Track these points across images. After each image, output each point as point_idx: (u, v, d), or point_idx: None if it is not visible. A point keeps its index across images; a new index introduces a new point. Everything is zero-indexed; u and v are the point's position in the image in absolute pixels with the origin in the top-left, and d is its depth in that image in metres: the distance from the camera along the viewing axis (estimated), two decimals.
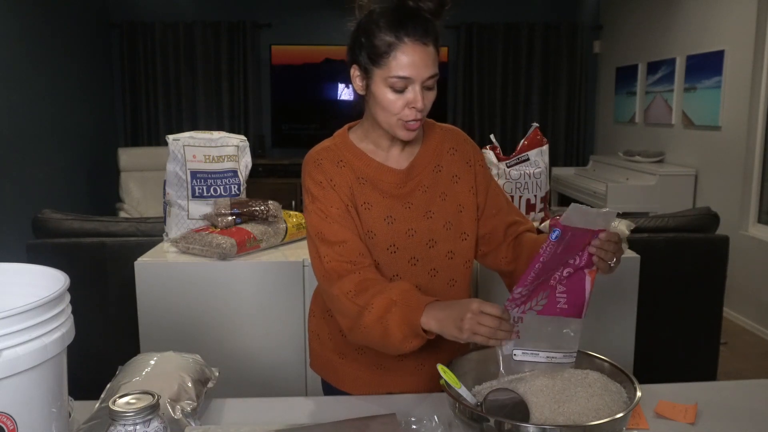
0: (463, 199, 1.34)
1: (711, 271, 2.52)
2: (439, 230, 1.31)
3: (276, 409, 1.25)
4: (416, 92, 1.18)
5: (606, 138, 6.08)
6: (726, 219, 3.18)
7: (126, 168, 5.07)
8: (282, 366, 2.05)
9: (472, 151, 1.38)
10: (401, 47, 1.16)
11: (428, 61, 1.17)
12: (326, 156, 1.31)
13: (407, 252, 1.29)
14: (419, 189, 1.31)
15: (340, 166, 1.29)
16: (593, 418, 1.01)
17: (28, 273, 0.95)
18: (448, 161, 1.34)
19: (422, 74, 1.17)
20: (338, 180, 1.28)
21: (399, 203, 1.29)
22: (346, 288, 1.19)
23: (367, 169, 1.30)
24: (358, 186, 1.29)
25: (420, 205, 1.30)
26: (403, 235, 1.29)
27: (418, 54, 1.16)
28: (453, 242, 1.32)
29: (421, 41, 1.16)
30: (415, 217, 1.30)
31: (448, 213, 1.32)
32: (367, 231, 1.27)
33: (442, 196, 1.32)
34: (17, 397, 0.79)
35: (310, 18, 5.99)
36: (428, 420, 1.11)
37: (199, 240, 2.01)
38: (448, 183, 1.33)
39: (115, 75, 5.92)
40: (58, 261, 1.75)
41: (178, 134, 2.18)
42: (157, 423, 0.88)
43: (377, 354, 1.31)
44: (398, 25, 1.16)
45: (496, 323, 1.06)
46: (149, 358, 1.22)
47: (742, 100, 3.96)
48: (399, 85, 1.17)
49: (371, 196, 1.28)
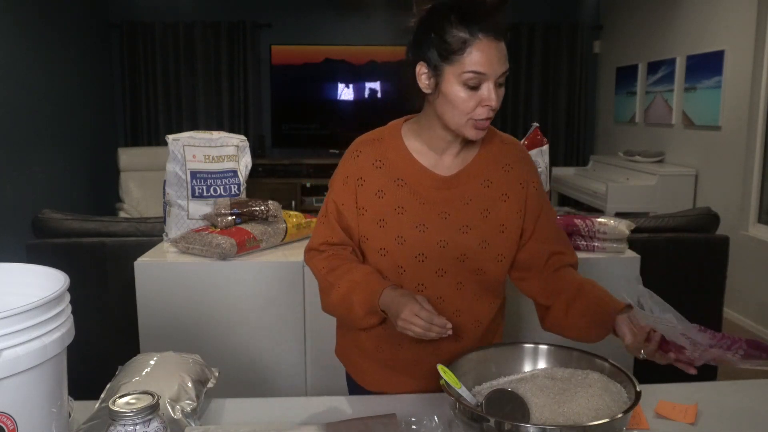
0: (507, 219, 1.27)
1: (711, 271, 2.51)
2: (473, 247, 1.25)
3: (276, 409, 1.25)
4: (490, 89, 1.14)
5: (606, 138, 6.08)
6: (726, 219, 3.17)
7: (126, 168, 5.06)
8: (282, 366, 2.05)
9: (529, 172, 1.31)
10: (476, 43, 1.12)
11: (502, 57, 1.14)
12: (367, 151, 1.29)
13: (435, 263, 1.26)
14: (460, 200, 1.26)
15: (377, 166, 1.27)
16: (593, 418, 1.01)
17: (28, 273, 0.95)
18: (499, 177, 1.28)
19: (497, 70, 1.14)
20: (368, 179, 1.26)
21: (435, 212, 1.25)
22: (320, 265, 1.30)
23: (408, 171, 1.26)
24: (394, 188, 1.25)
25: (457, 217, 1.25)
26: (434, 245, 1.25)
27: (493, 50, 1.13)
28: (485, 262, 1.27)
29: (495, 37, 1.13)
30: (449, 229, 1.25)
31: (486, 231, 1.26)
32: (397, 236, 1.25)
33: (485, 212, 1.26)
34: (17, 397, 0.79)
35: (310, 18, 5.99)
36: (428, 420, 1.11)
37: (199, 240, 2.01)
38: (495, 200, 1.27)
39: (115, 75, 5.92)
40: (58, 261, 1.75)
41: (178, 134, 2.18)
42: (157, 423, 0.88)
43: (391, 355, 1.33)
44: (472, 20, 1.12)
45: (426, 325, 1.11)
46: (149, 358, 1.22)
47: (742, 100, 3.96)
48: (473, 82, 1.14)
49: (406, 200, 1.25)
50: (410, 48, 1.22)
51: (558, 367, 1.18)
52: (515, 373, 1.18)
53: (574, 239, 2.15)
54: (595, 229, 2.12)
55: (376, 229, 1.26)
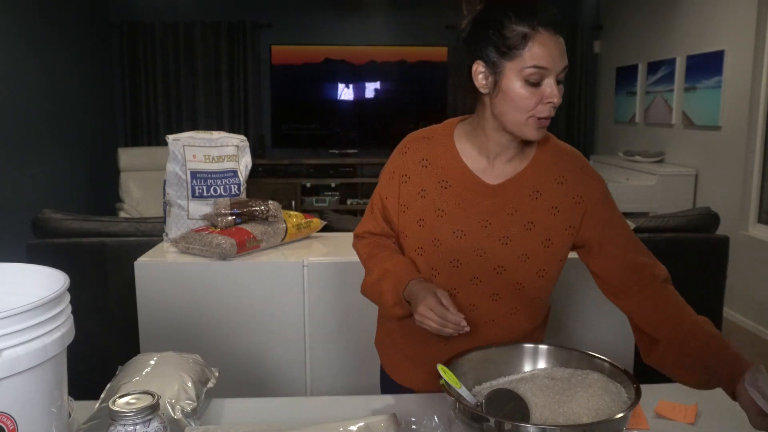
0: (554, 234, 1.21)
1: (711, 271, 2.51)
2: (512, 260, 1.21)
3: (276, 409, 1.25)
4: (552, 85, 1.11)
5: (606, 138, 6.08)
6: (726, 219, 3.18)
7: (126, 168, 5.07)
8: (282, 366, 2.05)
9: (586, 186, 1.22)
10: (537, 37, 1.09)
11: (562, 51, 1.12)
12: (415, 148, 1.27)
13: (470, 270, 1.23)
14: (504, 211, 1.21)
15: (423, 165, 1.25)
16: (593, 418, 1.01)
17: (28, 273, 0.95)
18: (551, 190, 1.21)
19: (558, 65, 1.11)
20: (413, 177, 1.25)
21: (476, 219, 1.21)
22: (361, 251, 1.34)
23: (454, 173, 1.23)
24: (437, 190, 1.23)
25: (498, 227, 1.21)
26: (471, 253, 1.22)
27: (554, 43, 1.10)
28: (525, 276, 1.22)
29: (555, 30, 1.11)
30: (488, 238, 1.21)
31: (528, 245, 1.21)
32: (434, 238, 1.23)
33: (529, 225, 1.20)
34: (17, 397, 0.79)
35: (310, 18, 5.99)
36: (428, 420, 1.11)
37: (199, 240, 2.01)
38: (543, 213, 1.21)
39: (115, 75, 5.92)
40: (58, 261, 1.75)
41: (178, 134, 2.18)
42: (157, 423, 0.88)
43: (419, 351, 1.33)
44: (531, 15, 1.10)
45: (440, 320, 1.10)
46: (149, 358, 1.22)
47: (742, 100, 3.96)
48: (534, 77, 1.10)
49: (448, 204, 1.22)
50: (464, 47, 1.19)
51: (558, 367, 1.18)
52: (515, 373, 1.18)
53: None
54: None
55: (415, 227, 1.25)
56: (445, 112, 6.13)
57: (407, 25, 6.06)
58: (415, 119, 6.06)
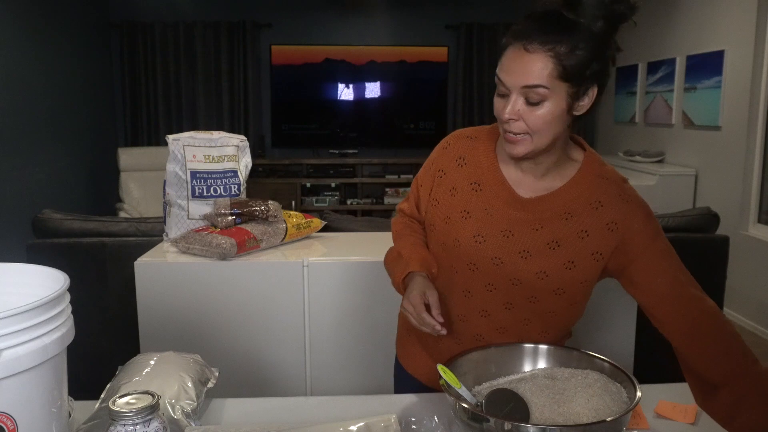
0: (579, 257, 1.16)
1: (711, 271, 2.51)
2: (528, 275, 1.18)
3: (276, 409, 1.25)
4: (511, 101, 1.08)
5: (606, 138, 6.08)
6: (726, 219, 3.18)
7: (126, 168, 5.07)
8: (282, 366, 2.05)
9: (623, 214, 1.15)
10: (507, 48, 1.08)
11: (527, 69, 1.05)
12: (456, 146, 1.26)
13: (486, 277, 1.21)
14: (530, 225, 1.17)
15: (460, 164, 1.24)
16: (593, 418, 1.01)
17: (28, 273, 0.95)
18: (584, 214, 1.16)
19: (516, 80, 1.06)
20: (449, 173, 1.25)
21: (499, 229, 1.18)
22: (394, 227, 1.39)
23: (488, 178, 1.21)
24: (467, 190, 1.22)
25: (520, 240, 1.17)
26: (488, 260, 1.19)
27: (517, 58, 1.06)
28: (542, 292, 1.19)
29: (524, 46, 1.04)
30: (508, 249, 1.18)
31: (549, 264, 1.16)
32: (455, 239, 1.22)
33: (553, 244, 1.16)
34: (17, 397, 0.79)
35: (310, 18, 5.99)
36: (428, 420, 1.11)
37: (199, 240, 2.01)
38: (571, 235, 1.16)
39: (115, 75, 5.92)
40: (58, 261, 1.75)
41: (178, 134, 2.18)
42: (157, 423, 0.88)
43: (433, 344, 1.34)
44: (522, 23, 1.07)
45: (418, 319, 1.13)
46: (149, 358, 1.22)
47: (742, 100, 3.96)
48: (500, 88, 1.10)
49: (475, 207, 1.20)
50: None
51: (558, 367, 1.18)
52: (515, 373, 1.18)
53: None
54: None
55: (442, 223, 1.25)
56: (445, 112, 6.14)
57: (407, 25, 6.06)
58: (415, 119, 6.06)
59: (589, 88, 1.09)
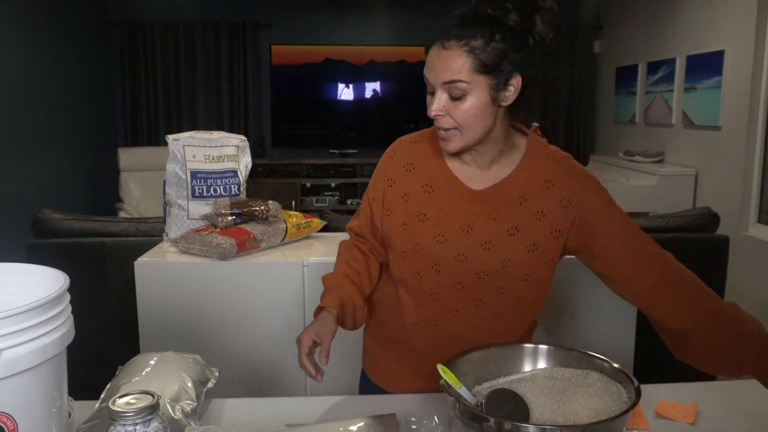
0: (540, 239, 1.19)
1: (711, 271, 2.51)
2: (494, 265, 1.19)
3: (276, 409, 1.25)
4: (436, 97, 1.13)
5: (606, 138, 6.08)
6: (726, 219, 3.17)
7: (126, 168, 5.07)
8: (282, 366, 2.05)
9: (575, 190, 1.19)
10: (432, 48, 1.12)
11: (445, 65, 1.09)
12: (402, 152, 1.28)
13: (453, 276, 1.22)
14: (487, 216, 1.19)
15: (408, 169, 1.25)
16: (593, 418, 1.01)
17: (28, 273, 0.95)
18: (537, 195, 1.19)
19: (437, 77, 1.11)
20: (398, 181, 1.26)
21: (458, 225, 1.20)
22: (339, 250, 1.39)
23: (438, 178, 1.23)
24: (420, 194, 1.23)
25: (481, 233, 1.19)
26: (452, 259, 1.20)
27: (436, 57, 1.11)
28: (509, 281, 1.21)
29: (442, 43, 1.09)
30: (470, 244, 1.19)
31: (511, 250, 1.18)
32: (415, 243, 1.22)
33: (512, 230, 1.18)
34: (17, 397, 0.79)
35: (310, 18, 5.99)
36: (428, 420, 1.11)
37: (199, 240, 2.01)
38: (528, 218, 1.18)
39: (115, 75, 5.92)
40: (58, 261, 1.75)
41: (178, 134, 2.18)
42: (157, 423, 0.88)
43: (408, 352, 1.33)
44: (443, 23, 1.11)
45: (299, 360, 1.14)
46: (149, 358, 1.22)
47: (742, 100, 3.96)
48: (428, 87, 1.14)
49: (430, 209, 1.22)
50: None
51: (558, 367, 1.18)
52: (515, 373, 1.18)
53: None
54: None
55: (400, 231, 1.25)
56: None
57: (407, 25, 6.06)
58: (415, 119, 6.06)
59: (510, 78, 1.12)
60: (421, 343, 1.29)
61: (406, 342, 1.32)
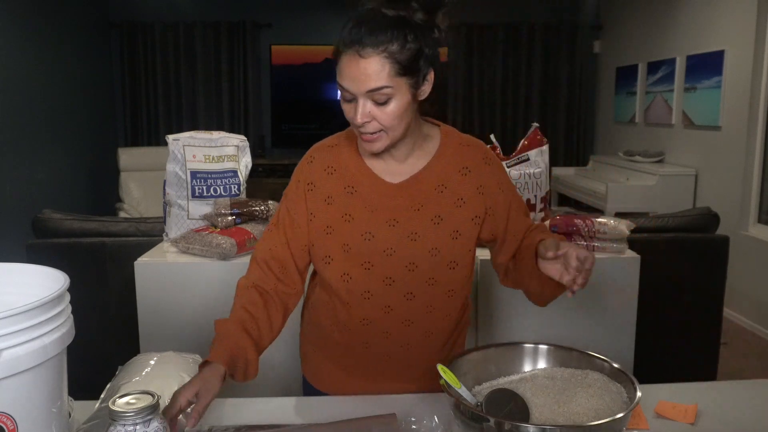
0: (461, 225, 1.23)
1: (711, 271, 2.51)
2: (422, 255, 1.22)
3: (275, 409, 1.25)
4: (358, 105, 1.11)
5: (606, 138, 6.08)
6: (726, 219, 3.17)
7: (126, 168, 5.06)
8: (281, 366, 2.05)
9: (489, 176, 1.25)
10: (341, 56, 1.10)
11: (366, 74, 1.08)
12: (321, 157, 1.28)
13: (383, 271, 1.23)
14: (410, 208, 1.22)
15: (329, 172, 1.25)
16: (593, 418, 1.01)
17: (28, 273, 0.96)
18: (455, 182, 1.23)
19: (358, 87, 1.09)
20: (319, 185, 1.25)
21: (383, 220, 1.22)
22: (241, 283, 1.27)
23: (359, 178, 1.24)
24: (343, 195, 1.24)
25: (406, 225, 1.21)
26: (381, 253, 1.22)
27: (354, 65, 1.08)
28: (437, 270, 1.23)
29: (359, 53, 1.07)
30: (397, 237, 1.21)
31: (437, 239, 1.22)
32: (343, 244, 1.22)
33: (436, 219, 1.22)
34: (17, 397, 0.79)
35: (310, 18, 5.99)
36: (428, 420, 1.11)
37: (199, 240, 2.01)
38: (449, 206, 1.22)
39: (115, 75, 5.92)
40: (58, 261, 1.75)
41: (178, 134, 2.18)
42: (157, 423, 0.88)
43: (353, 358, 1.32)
44: (349, 29, 1.09)
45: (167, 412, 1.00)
46: (149, 358, 1.22)
47: (742, 100, 3.96)
48: (345, 96, 1.12)
49: (355, 208, 1.23)
50: None
51: (558, 367, 1.18)
52: (515, 373, 1.18)
53: (574, 239, 2.15)
54: (595, 229, 2.12)
55: (323, 236, 1.24)
56: (445, 112, 6.13)
57: None
58: None
59: (426, 74, 1.14)
60: (356, 342, 1.29)
61: (342, 343, 1.31)
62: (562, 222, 2.17)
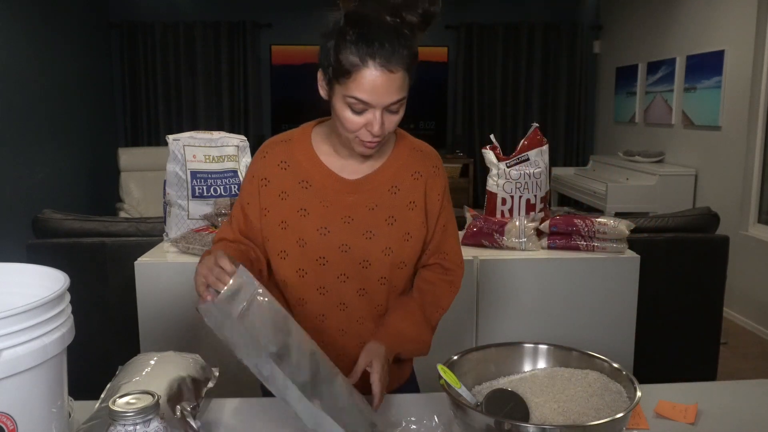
0: (413, 228, 1.26)
1: (711, 271, 2.52)
2: (376, 253, 1.24)
3: (276, 409, 1.25)
4: (375, 117, 1.11)
5: (606, 138, 6.08)
6: (726, 219, 3.18)
7: (126, 168, 5.06)
8: None
9: (434, 183, 1.28)
10: (364, 71, 1.07)
11: (392, 88, 1.09)
12: (274, 152, 1.28)
13: (337, 267, 1.24)
14: (365, 206, 1.24)
15: (283, 167, 1.25)
16: (593, 418, 1.01)
17: (28, 273, 0.96)
18: (408, 185, 1.26)
19: (383, 101, 1.10)
20: (273, 180, 1.25)
21: (338, 216, 1.23)
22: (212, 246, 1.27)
23: (314, 173, 1.24)
24: (298, 190, 1.24)
25: (361, 222, 1.23)
26: (336, 249, 1.23)
27: (381, 80, 1.08)
28: (389, 269, 1.25)
29: (387, 67, 1.07)
30: (352, 234, 1.23)
31: (391, 238, 1.24)
32: (298, 239, 1.23)
33: (390, 219, 1.24)
34: (17, 397, 0.79)
35: (310, 18, 5.98)
36: (428, 420, 1.11)
37: (199, 240, 2.01)
38: (402, 208, 1.25)
39: (115, 75, 5.92)
40: (58, 261, 1.75)
41: (178, 134, 2.18)
42: (157, 423, 0.88)
43: None
44: (366, 43, 1.07)
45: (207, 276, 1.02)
46: (149, 358, 1.22)
47: (742, 100, 3.96)
48: (357, 107, 1.11)
49: (310, 203, 1.23)
50: (320, 47, 1.16)
51: (558, 367, 1.18)
52: (515, 373, 1.18)
53: (574, 239, 2.15)
54: (595, 229, 2.12)
55: (278, 231, 1.24)
56: (445, 112, 6.14)
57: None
58: (414, 119, 6.06)
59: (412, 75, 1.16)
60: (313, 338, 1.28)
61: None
62: (562, 222, 2.17)
